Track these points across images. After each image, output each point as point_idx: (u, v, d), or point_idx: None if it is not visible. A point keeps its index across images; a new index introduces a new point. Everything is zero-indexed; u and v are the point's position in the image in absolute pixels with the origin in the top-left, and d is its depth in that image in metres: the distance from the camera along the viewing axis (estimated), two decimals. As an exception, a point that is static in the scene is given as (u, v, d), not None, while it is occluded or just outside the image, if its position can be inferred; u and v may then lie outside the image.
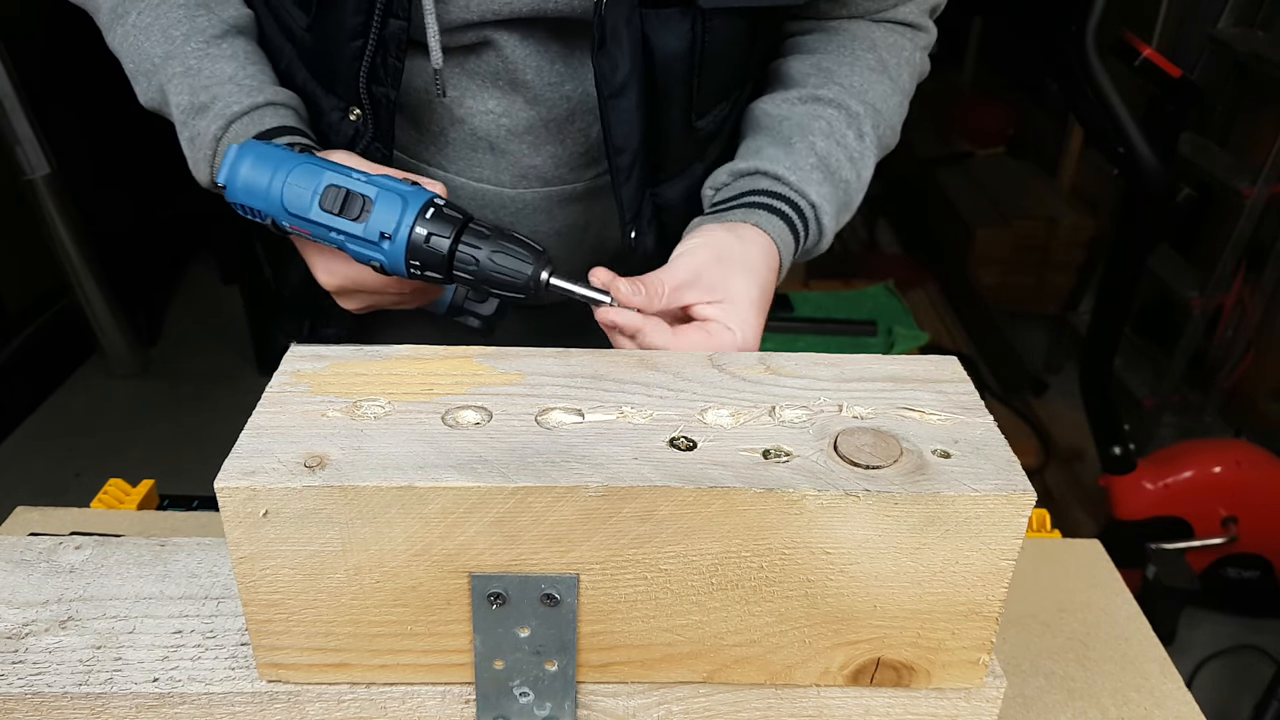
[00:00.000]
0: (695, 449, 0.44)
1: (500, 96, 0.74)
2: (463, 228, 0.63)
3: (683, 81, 0.72)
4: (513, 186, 0.79)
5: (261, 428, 0.44)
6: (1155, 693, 0.68)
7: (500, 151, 0.77)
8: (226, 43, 0.72)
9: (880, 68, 0.79)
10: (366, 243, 0.63)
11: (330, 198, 0.63)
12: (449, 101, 0.75)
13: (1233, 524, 1.90)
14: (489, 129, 0.76)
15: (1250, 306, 2.18)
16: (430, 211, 0.63)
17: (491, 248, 0.63)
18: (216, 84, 0.70)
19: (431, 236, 0.62)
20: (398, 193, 0.63)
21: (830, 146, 0.74)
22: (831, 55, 0.79)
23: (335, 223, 0.63)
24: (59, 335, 2.68)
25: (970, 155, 3.40)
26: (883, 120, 0.78)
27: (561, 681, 0.47)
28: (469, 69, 0.73)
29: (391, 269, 0.64)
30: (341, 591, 0.44)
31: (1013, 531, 0.42)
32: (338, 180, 0.63)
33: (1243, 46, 2.11)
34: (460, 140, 0.77)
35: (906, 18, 0.82)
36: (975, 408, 0.47)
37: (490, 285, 0.64)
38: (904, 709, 0.49)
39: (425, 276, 0.64)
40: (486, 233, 0.63)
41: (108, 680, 0.46)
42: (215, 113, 0.69)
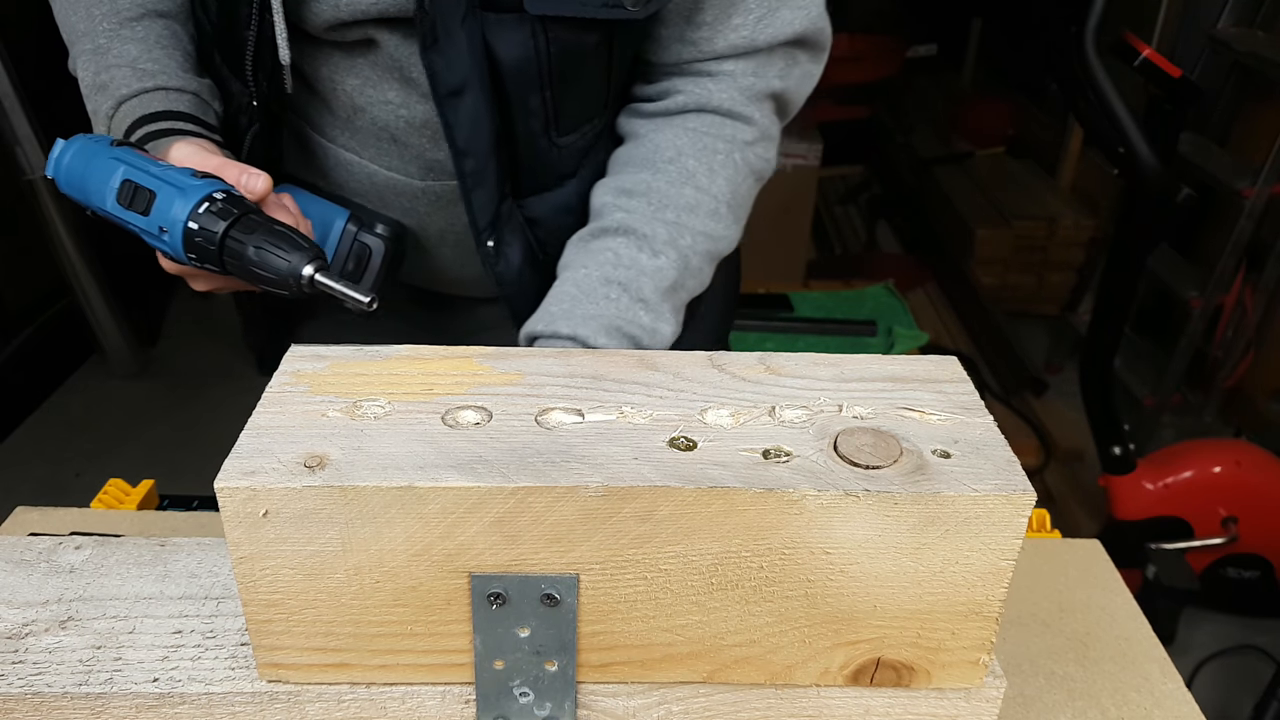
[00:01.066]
0: (695, 449, 0.44)
1: (398, 89, 0.75)
2: (235, 221, 0.65)
3: (534, 92, 0.72)
4: (421, 178, 0.80)
5: (261, 428, 0.44)
6: (1155, 693, 0.68)
7: (402, 143, 0.78)
8: (141, 25, 0.73)
9: (684, 178, 0.77)
10: (151, 235, 0.66)
11: (124, 192, 0.65)
12: (351, 90, 0.76)
13: (1233, 524, 1.90)
14: (389, 120, 0.77)
15: (1250, 306, 2.18)
16: (205, 206, 0.64)
17: (256, 242, 0.64)
18: (117, 65, 0.72)
19: (202, 230, 0.64)
20: (178, 186, 0.64)
21: (613, 302, 0.73)
22: (633, 171, 0.78)
23: (127, 215, 0.66)
24: (59, 335, 2.68)
25: (970, 155, 3.40)
26: (687, 231, 0.76)
27: (561, 681, 0.47)
28: (368, 60, 0.74)
29: (176, 259, 0.67)
30: (341, 591, 0.44)
31: (1013, 531, 0.42)
32: (131, 175, 0.65)
33: (1243, 46, 2.11)
34: (365, 129, 0.78)
35: (721, 104, 0.78)
36: (975, 408, 0.47)
37: (256, 279, 0.66)
38: (904, 709, 0.49)
39: (206, 268, 0.67)
40: (257, 226, 0.65)
41: (108, 680, 0.46)
42: (109, 93, 0.71)
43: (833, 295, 2.82)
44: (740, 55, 0.76)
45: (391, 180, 0.80)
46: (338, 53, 0.74)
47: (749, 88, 0.78)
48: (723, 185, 0.78)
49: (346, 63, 0.74)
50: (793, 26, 0.75)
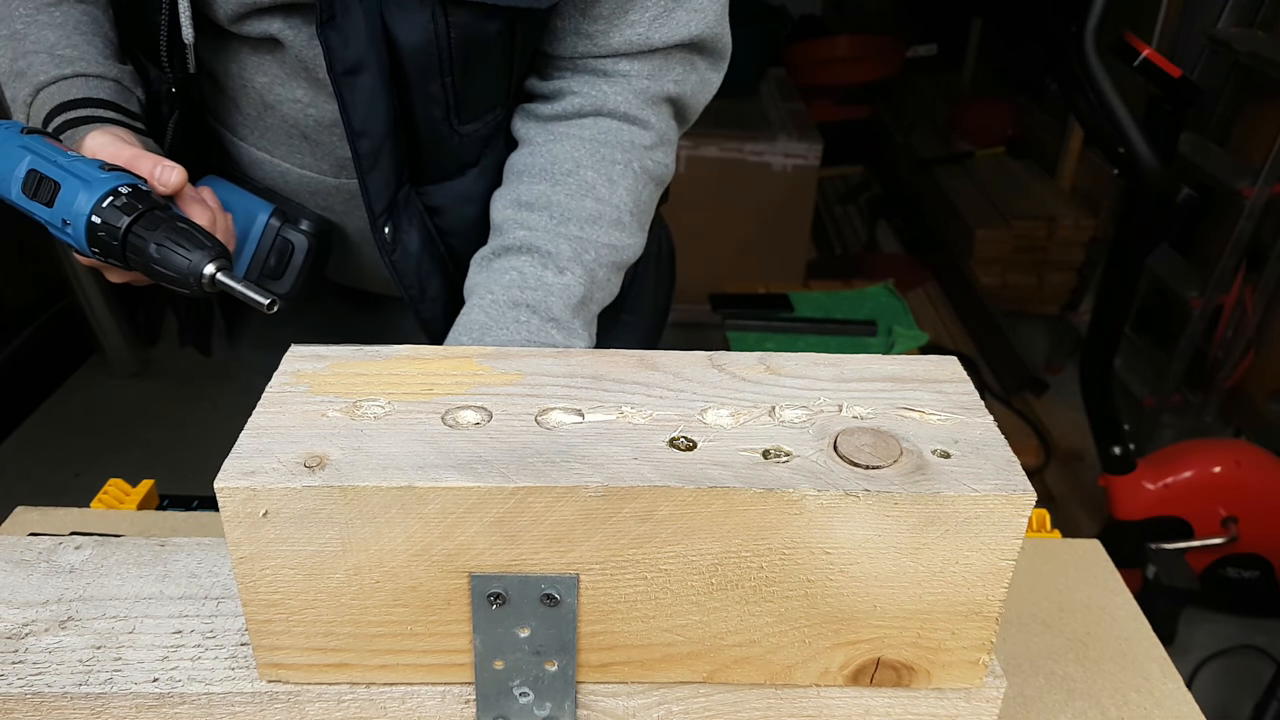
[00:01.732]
0: (695, 449, 0.44)
1: (306, 88, 0.75)
2: (139, 216, 0.64)
3: (435, 78, 0.72)
4: (334, 176, 0.80)
5: (261, 428, 0.44)
6: (1155, 693, 0.68)
7: (313, 141, 0.78)
8: (59, 10, 0.73)
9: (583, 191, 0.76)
10: (55, 227, 0.65)
11: (30, 182, 0.64)
12: (260, 87, 0.75)
13: (1233, 524, 1.90)
14: (299, 118, 0.76)
15: (1250, 306, 2.18)
16: (109, 200, 0.63)
17: (158, 239, 0.64)
18: (35, 52, 0.71)
19: (104, 224, 0.64)
20: (84, 179, 0.64)
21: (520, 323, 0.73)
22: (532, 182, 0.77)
23: (31, 206, 0.65)
24: (59, 335, 2.68)
25: (970, 155, 3.40)
26: (590, 246, 0.76)
27: (561, 681, 0.47)
28: (277, 58, 0.73)
29: (80, 252, 0.66)
30: (341, 591, 0.44)
31: (1013, 531, 0.42)
32: (37, 165, 0.64)
33: (1243, 46, 2.11)
34: (274, 127, 0.78)
35: (617, 107, 0.77)
36: (975, 408, 0.47)
37: (157, 276, 0.65)
38: (904, 709, 0.49)
39: (109, 261, 0.66)
40: (159, 223, 0.64)
41: (108, 680, 0.46)
42: (27, 80, 0.71)
43: (833, 295, 2.82)
44: (636, 54, 0.76)
45: (304, 178, 0.80)
46: (245, 49, 0.73)
47: (645, 90, 0.77)
48: (624, 195, 0.77)
49: (254, 60, 0.74)
50: (689, 29, 0.75)
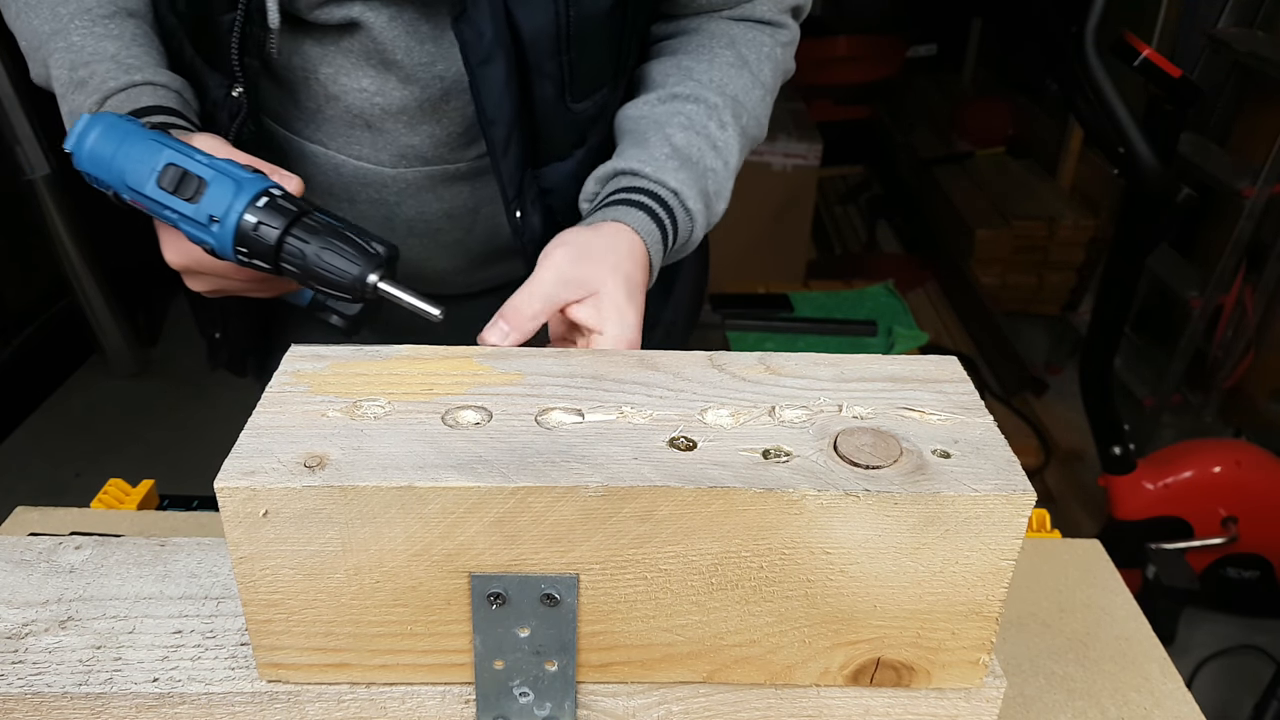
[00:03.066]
0: (695, 449, 0.44)
1: (374, 75, 0.75)
2: (295, 220, 0.63)
3: (552, 58, 0.73)
4: (393, 166, 0.80)
5: (261, 428, 0.44)
6: (1155, 693, 0.68)
7: (377, 130, 0.78)
8: (114, 23, 0.73)
9: (739, 62, 0.80)
10: (197, 224, 0.64)
11: (168, 176, 0.63)
12: (324, 78, 0.75)
13: (1233, 524, 1.90)
14: (364, 107, 0.76)
15: (1250, 306, 2.18)
16: (264, 200, 0.63)
17: (321, 244, 0.63)
18: (96, 61, 0.70)
19: (260, 225, 0.62)
20: (234, 178, 0.63)
21: (689, 137, 0.75)
22: (690, 54, 0.80)
23: (169, 201, 0.63)
24: (59, 335, 2.69)
25: (970, 155, 3.41)
26: (745, 111, 0.80)
27: (561, 681, 0.47)
28: (343, 47, 0.73)
29: (220, 252, 0.64)
30: (341, 591, 0.44)
31: (1013, 531, 0.42)
32: (177, 159, 0.63)
33: (1243, 46, 2.11)
34: (337, 118, 0.78)
35: (763, 15, 0.83)
36: (975, 408, 0.47)
37: (316, 281, 0.64)
38: (904, 709, 0.49)
39: (254, 264, 0.64)
40: (319, 228, 0.63)
41: (108, 680, 0.46)
42: (92, 88, 0.70)
43: (833, 295, 2.82)
44: None
45: (360, 170, 0.80)
46: (309, 40, 0.73)
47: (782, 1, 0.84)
48: (768, 76, 0.83)
49: (319, 50, 0.74)
50: None
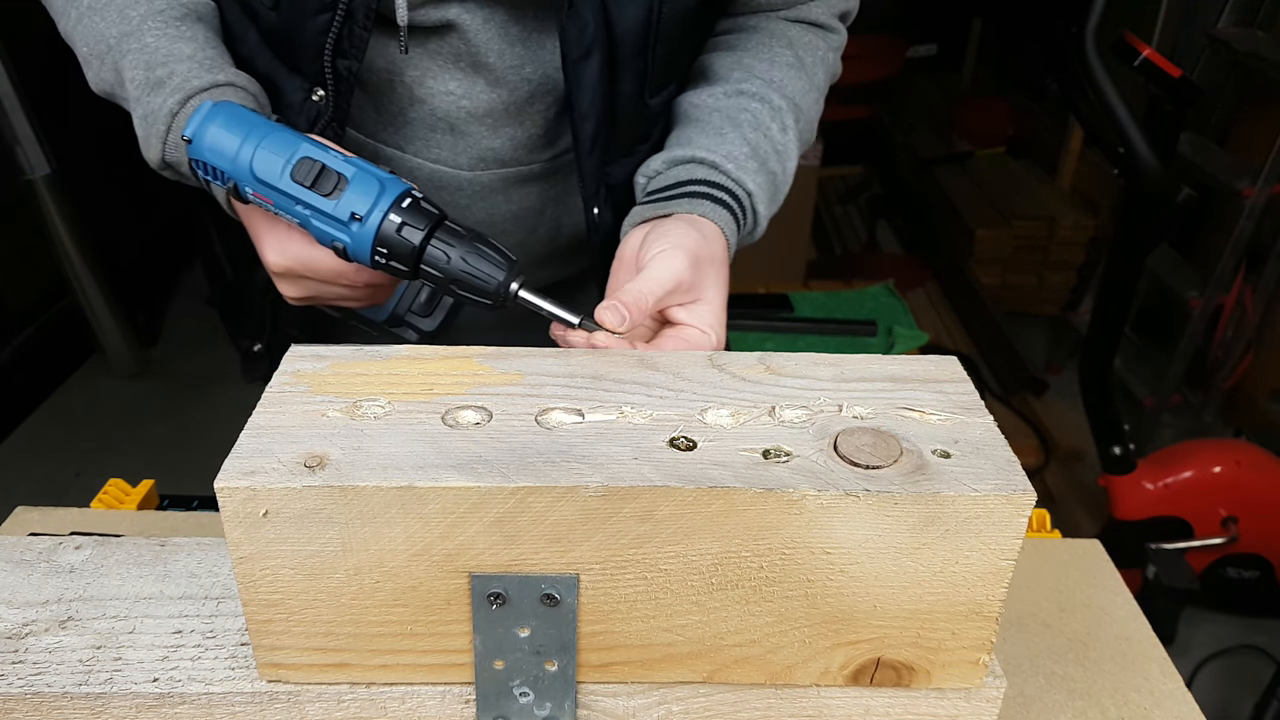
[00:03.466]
0: (695, 449, 0.44)
1: (461, 78, 0.75)
2: (437, 224, 0.62)
3: (639, 54, 0.73)
4: (470, 169, 0.80)
5: (261, 428, 0.44)
6: (1155, 693, 0.68)
7: (459, 133, 0.78)
8: (186, 25, 0.72)
9: (798, 64, 0.80)
10: (335, 221, 0.61)
11: (304, 169, 0.61)
12: (410, 81, 0.75)
13: (1233, 524, 1.90)
14: (449, 110, 0.76)
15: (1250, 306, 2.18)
16: (407, 202, 0.61)
17: (465, 249, 0.62)
18: (174, 61, 0.69)
19: (404, 226, 0.61)
20: (376, 177, 0.62)
21: (758, 138, 0.75)
22: (751, 51, 0.81)
23: (305, 195, 0.61)
24: (59, 335, 2.69)
25: (970, 155, 3.41)
26: (802, 115, 0.80)
27: (561, 681, 0.47)
28: (431, 50, 0.73)
29: (355, 252, 0.62)
30: (341, 591, 0.44)
31: (1013, 531, 0.42)
32: (314, 153, 0.61)
33: (1243, 46, 2.11)
34: (420, 121, 0.77)
35: (817, 18, 0.84)
36: (975, 408, 0.47)
37: (458, 286, 0.62)
38: (904, 709, 0.49)
39: (389, 267, 0.63)
40: (462, 233, 0.62)
41: (108, 680, 0.46)
42: (172, 88, 0.68)
43: (833, 295, 2.82)
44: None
45: (437, 173, 0.80)
46: (394, 43, 0.73)
47: (835, 7, 0.85)
48: (821, 79, 0.84)
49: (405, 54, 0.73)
50: None
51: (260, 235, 0.68)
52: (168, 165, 0.71)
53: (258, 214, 0.67)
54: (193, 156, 0.64)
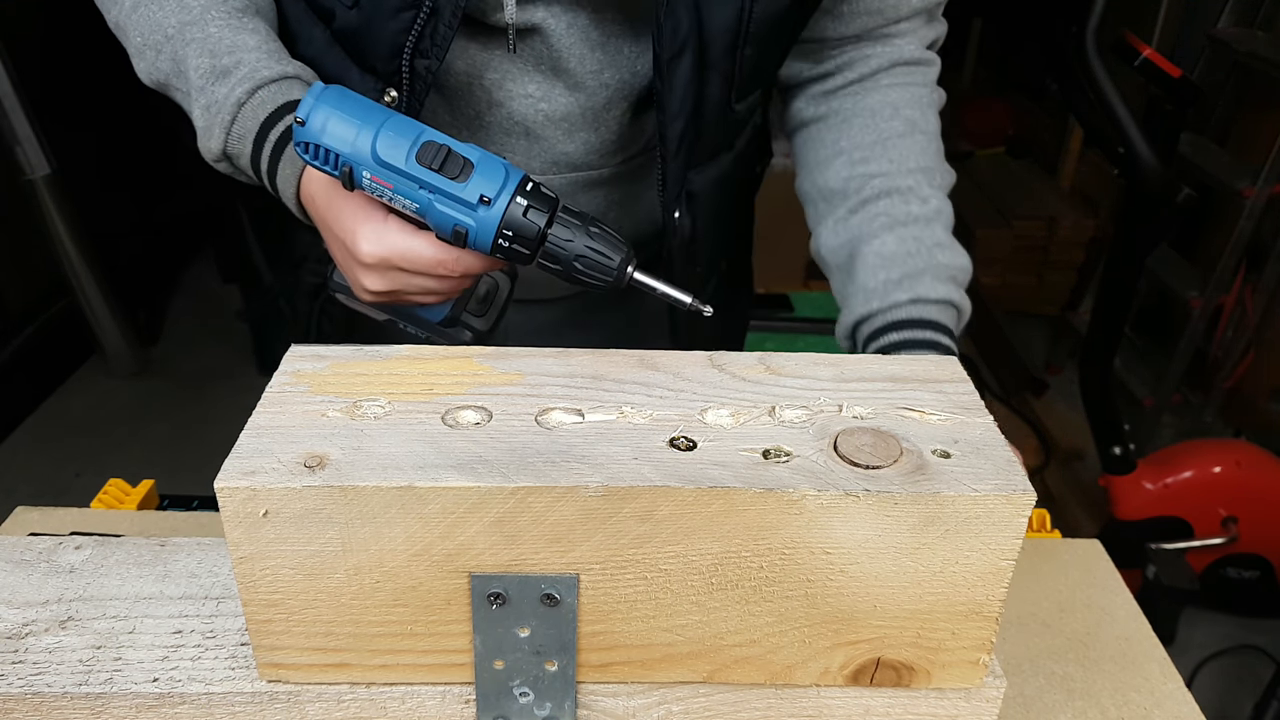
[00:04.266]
0: (695, 449, 0.44)
1: (542, 81, 0.74)
2: (556, 208, 0.63)
3: (728, 55, 0.72)
4: (542, 173, 0.79)
5: (261, 428, 0.44)
6: (1155, 693, 0.68)
7: (535, 137, 0.77)
8: (248, 18, 0.70)
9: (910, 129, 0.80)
10: (462, 204, 0.61)
11: (429, 153, 0.61)
12: (489, 84, 0.74)
13: (1233, 524, 1.90)
14: (526, 113, 0.76)
15: (1250, 306, 2.18)
16: (530, 186, 0.62)
17: (585, 232, 0.63)
18: (242, 51, 0.68)
19: (530, 209, 0.61)
20: (499, 162, 0.62)
21: (935, 261, 0.78)
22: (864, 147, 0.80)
23: (432, 179, 0.61)
24: (59, 335, 2.69)
25: (970, 155, 3.40)
26: (936, 176, 0.80)
27: (561, 681, 0.47)
28: (512, 52, 0.73)
29: (479, 236, 0.62)
30: (341, 591, 0.44)
31: (1013, 531, 0.42)
32: (436, 138, 0.62)
33: (1243, 46, 2.11)
34: (496, 124, 0.77)
35: (910, 56, 0.82)
36: (975, 408, 0.47)
37: (581, 267, 0.63)
38: (904, 709, 0.49)
39: (511, 250, 0.63)
40: (578, 217, 0.63)
41: (108, 680, 0.46)
42: (240, 77, 0.67)
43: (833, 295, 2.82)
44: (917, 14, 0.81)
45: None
46: (475, 45, 0.72)
47: (925, 37, 0.83)
48: (933, 121, 0.83)
49: (485, 57, 0.73)
50: None
51: (355, 225, 0.66)
52: (225, 157, 0.69)
53: (351, 204, 0.65)
54: (304, 140, 0.62)
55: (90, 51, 2.69)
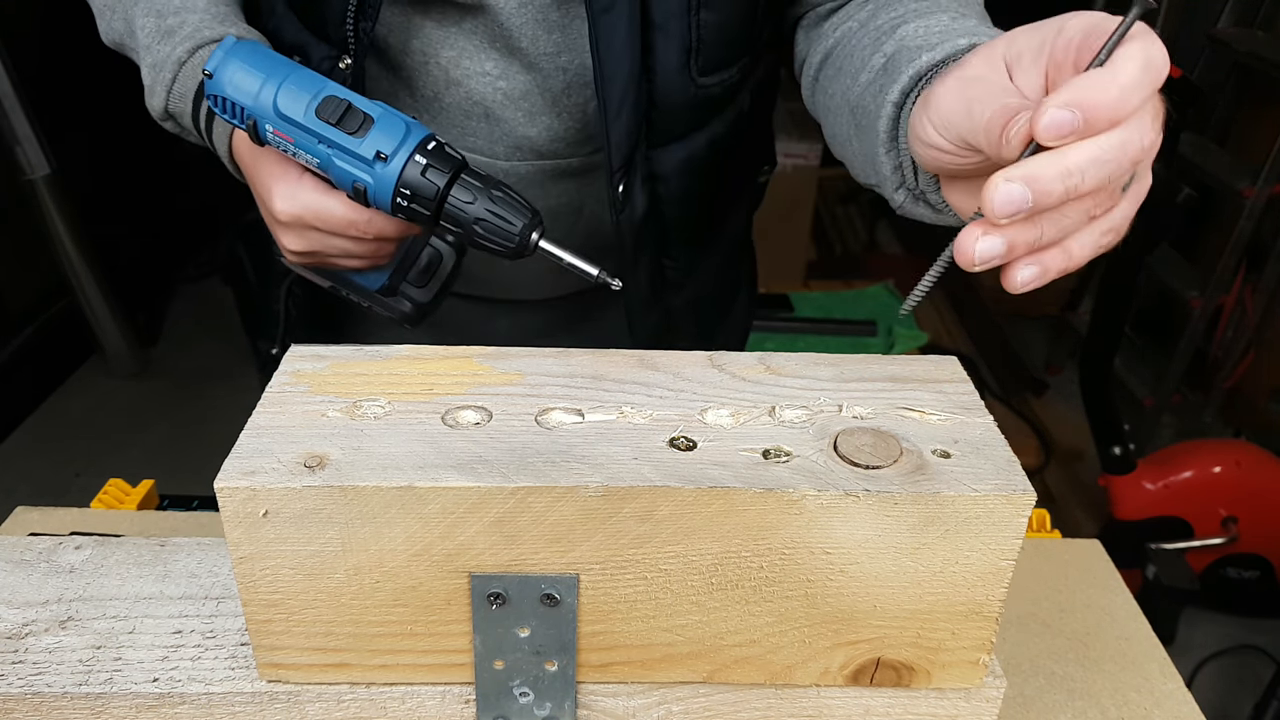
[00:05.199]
0: (695, 449, 0.44)
1: (498, 59, 0.73)
2: (460, 169, 0.61)
3: (680, 17, 0.69)
4: (506, 158, 0.78)
5: (261, 428, 0.44)
6: (1155, 693, 0.68)
7: (495, 119, 0.76)
8: None
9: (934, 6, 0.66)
10: (359, 160, 0.61)
11: (329, 107, 0.60)
12: (445, 62, 0.74)
13: (1233, 524, 1.90)
14: (485, 92, 0.75)
15: (1250, 306, 2.18)
16: (431, 145, 0.61)
17: (487, 195, 0.61)
18: (186, 11, 0.69)
19: (429, 169, 0.60)
20: (401, 119, 0.61)
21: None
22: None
23: (330, 132, 0.60)
24: (59, 335, 2.69)
25: (970, 155, 3.40)
26: None
27: (561, 681, 0.47)
28: (466, 29, 0.72)
29: (377, 194, 0.61)
30: (341, 591, 0.44)
31: (1013, 531, 0.42)
32: (339, 93, 0.61)
33: (1243, 46, 2.11)
34: (455, 105, 0.76)
35: None
36: (975, 408, 0.47)
37: (481, 231, 0.61)
38: (904, 709, 0.49)
39: (410, 210, 0.61)
40: (484, 179, 0.62)
41: (108, 680, 0.46)
42: (182, 37, 0.68)
43: (833, 295, 2.82)
44: None
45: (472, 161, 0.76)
46: (430, 22, 0.72)
47: None
48: None
49: (441, 33, 0.72)
50: None
51: (270, 183, 0.66)
52: (170, 116, 0.70)
53: (267, 161, 0.65)
54: (212, 93, 0.63)
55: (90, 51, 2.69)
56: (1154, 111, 0.41)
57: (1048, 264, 0.44)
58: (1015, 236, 0.42)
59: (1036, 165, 0.40)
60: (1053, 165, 0.40)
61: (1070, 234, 0.43)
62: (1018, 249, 0.43)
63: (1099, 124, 0.39)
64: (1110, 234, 0.45)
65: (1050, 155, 0.40)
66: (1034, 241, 0.43)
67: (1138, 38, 0.40)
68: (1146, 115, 0.41)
